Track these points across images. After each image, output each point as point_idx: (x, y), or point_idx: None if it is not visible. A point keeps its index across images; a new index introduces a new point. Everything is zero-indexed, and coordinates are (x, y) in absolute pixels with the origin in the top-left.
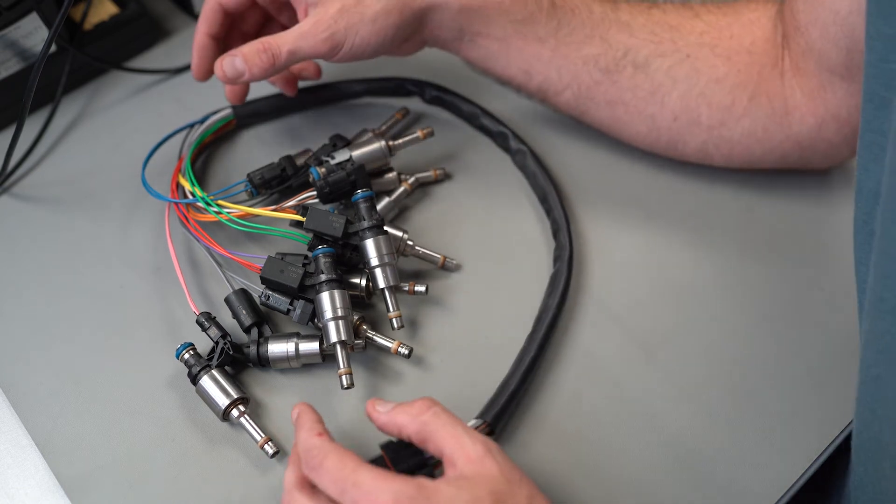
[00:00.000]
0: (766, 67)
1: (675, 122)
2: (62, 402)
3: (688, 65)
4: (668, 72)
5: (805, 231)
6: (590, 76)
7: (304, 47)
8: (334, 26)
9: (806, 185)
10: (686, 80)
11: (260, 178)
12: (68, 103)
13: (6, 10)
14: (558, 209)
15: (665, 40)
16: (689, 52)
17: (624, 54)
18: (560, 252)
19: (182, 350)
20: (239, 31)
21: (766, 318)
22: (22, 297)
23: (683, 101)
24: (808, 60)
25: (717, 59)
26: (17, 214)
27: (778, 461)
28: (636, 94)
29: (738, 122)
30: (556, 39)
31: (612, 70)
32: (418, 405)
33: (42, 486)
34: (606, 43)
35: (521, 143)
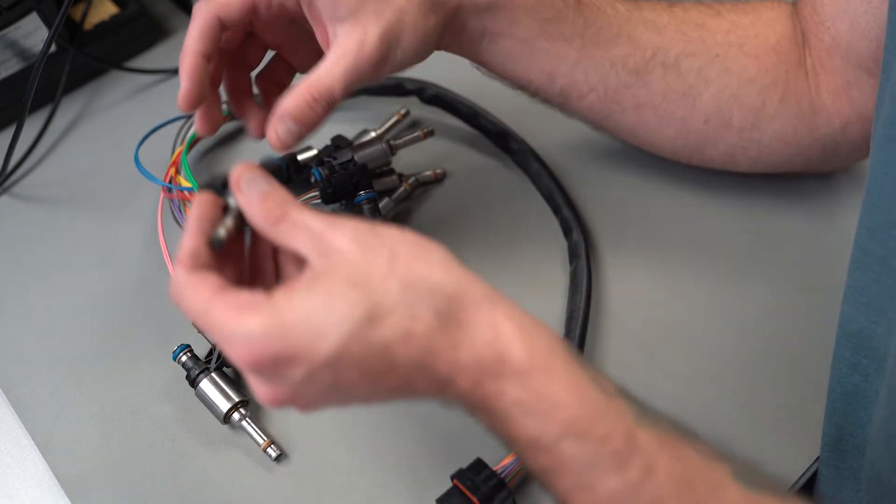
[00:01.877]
0: (792, 66)
1: (705, 125)
2: (62, 402)
3: (718, 64)
4: (700, 72)
5: (809, 233)
6: (618, 78)
7: (356, 79)
8: (381, 47)
9: (810, 189)
10: (718, 80)
11: None
12: (68, 103)
13: (6, 10)
14: (567, 207)
15: (693, 39)
16: (719, 51)
17: (653, 54)
18: (576, 249)
19: (179, 352)
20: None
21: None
22: (22, 297)
23: (715, 102)
24: (834, 56)
25: (746, 58)
26: (17, 214)
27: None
28: (667, 97)
29: (769, 123)
30: (582, 39)
31: (642, 71)
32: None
33: (42, 486)
34: (634, 42)
35: (521, 143)
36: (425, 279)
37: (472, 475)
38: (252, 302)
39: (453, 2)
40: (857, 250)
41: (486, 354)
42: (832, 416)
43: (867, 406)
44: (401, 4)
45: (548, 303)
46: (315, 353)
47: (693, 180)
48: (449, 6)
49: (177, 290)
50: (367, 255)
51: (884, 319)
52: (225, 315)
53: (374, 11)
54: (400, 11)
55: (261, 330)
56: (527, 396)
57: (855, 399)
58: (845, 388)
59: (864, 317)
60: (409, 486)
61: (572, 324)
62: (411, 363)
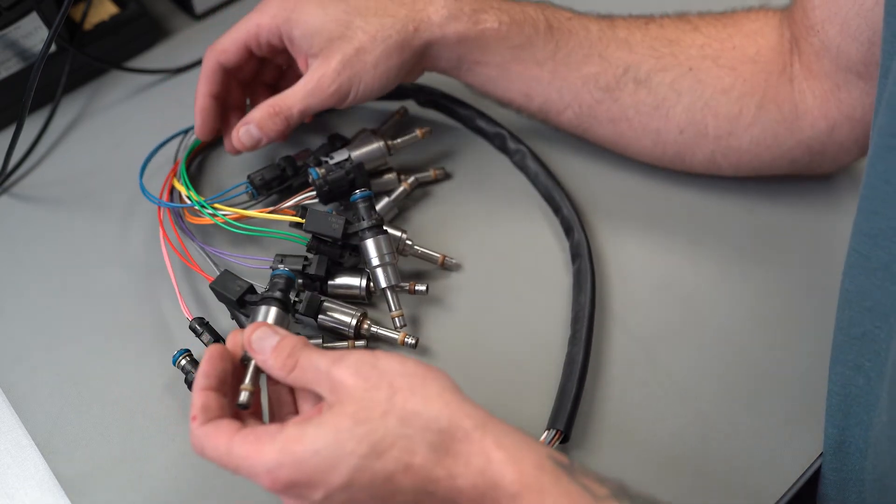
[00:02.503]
0: (772, 75)
1: (681, 135)
2: (62, 402)
3: (691, 77)
4: (672, 85)
5: (809, 233)
6: (591, 95)
7: (313, 103)
8: (338, 79)
9: (810, 190)
10: (690, 92)
11: (260, 178)
12: (68, 103)
13: (6, 10)
14: (567, 207)
15: (665, 55)
16: (692, 64)
17: (624, 71)
18: (578, 248)
19: (178, 357)
20: (236, 81)
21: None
22: (22, 297)
23: (689, 113)
24: (823, 60)
25: (720, 70)
26: (17, 214)
27: (795, 442)
28: (639, 110)
29: (747, 130)
30: (554, 62)
31: (613, 88)
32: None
33: (42, 486)
34: (606, 61)
35: (519, 144)
36: (420, 415)
37: None
38: (267, 434)
39: (420, 41)
40: (856, 256)
41: (481, 482)
42: (834, 418)
43: (869, 409)
44: (364, 45)
45: (551, 302)
46: (329, 480)
47: (693, 179)
48: (416, 45)
49: (198, 443)
50: (369, 391)
51: (886, 325)
52: (245, 452)
53: (338, 49)
54: (362, 52)
55: (276, 462)
56: None
57: (857, 402)
58: (848, 391)
59: (867, 321)
60: None
61: (578, 324)
62: (415, 489)
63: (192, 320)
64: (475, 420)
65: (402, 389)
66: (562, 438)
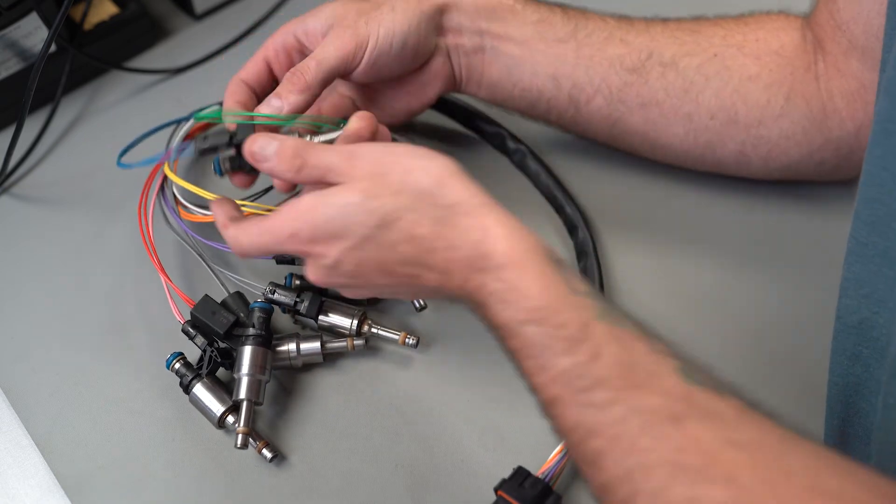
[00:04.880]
0: (798, 70)
1: (712, 121)
2: (62, 402)
3: (717, 62)
4: (699, 69)
5: (810, 231)
6: (618, 77)
7: (330, 51)
8: (355, 23)
9: (811, 186)
10: (718, 77)
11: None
12: (68, 103)
13: (6, 10)
14: (570, 205)
15: (688, 41)
16: (716, 51)
17: (648, 55)
18: (583, 247)
19: (172, 360)
20: None
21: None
22: (22, 297)
23: (719, 98)
24: (851, 59)
25: (745, 58)
26: (17, 214)
27: None
28: (669, 93)
29: (776, 121)
30: (576, 41)
31: (640, 70)
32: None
33: (42, 486)
34: (628, 44)
35: (518, 143)
36: (431, 193)
37: (516, 484)
38: (288, 205)
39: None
40: (855, 243)
41: (475, 253)
42: (834, 408)
43: (870, 396)
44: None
45: None
46: (340, 245)
47: (692, 177)
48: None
49: (237, 243)
50: (384, 169)
51: (885, 310)
52: (273, 225)
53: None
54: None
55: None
56: (501, 287)
57: (857, 390)
58: (847, 380)
59: (865, 308)
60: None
61: None
62: (415, 259)
63: (185, 323)
64: (481, 199)
65: (416, 170)
66: None
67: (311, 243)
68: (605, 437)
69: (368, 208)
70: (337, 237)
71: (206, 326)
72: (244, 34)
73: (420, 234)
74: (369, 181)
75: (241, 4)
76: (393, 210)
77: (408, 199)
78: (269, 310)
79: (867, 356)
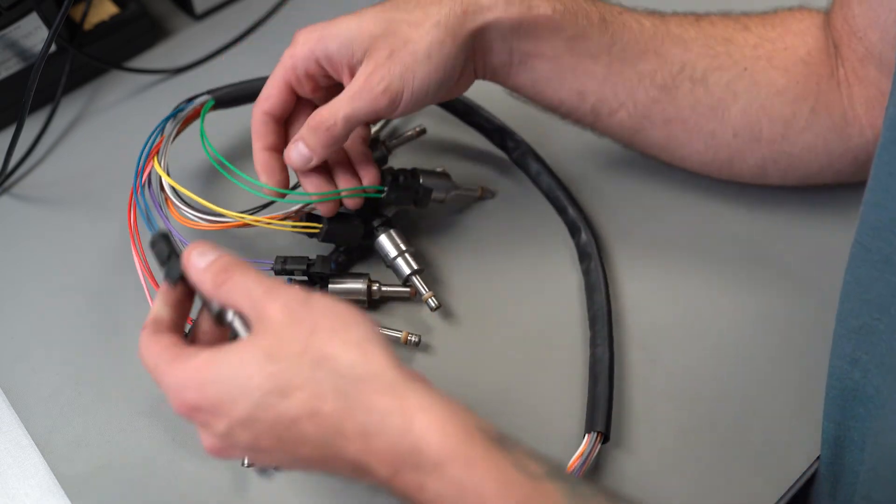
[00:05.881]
0: (823, 78)
1: (734, 139)
2: (62, 402)
3: (747, 78)
4: (728, 86)
5: (811, 235)
6: (646, 93)
7: (361, 107)
8: (388, 76)
9: (813, 191)
10: (746, 93)
11: None
12: (68, 103)
13: (6, 10)
14: (573, 206)
15: (721, 53)
16: (747, 65)
17: (680, 69)
18: (586, 248)
19: None
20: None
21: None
22: (22, 297)
23: (744, 116)
24: (868, 67)
25: (774, 71)
26: (17, 214)
27: (795, 442)
28: (696, 111)
29: (800, 135)
30: (609, 56)
31: (670, 87)
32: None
33: (42, 486)
34: (661, 58)
35: (520, 142)
36: (336, 358)
37: None
38: (186, 355)
39: (472, 25)
40: (859, 248)
41: (401, 445)
42: (831, 412)
43: (866, 402)
44: (411, 36)
45: (558, 303)
46: (230, 411)
47: (697, 180)
48: (468, 30)
49: (139, 349)
50: (291, 327)
51: (886, 317)
52: (164, 368)
53: (384, 45)
54: (410, 43)
55: (183, 383)
56: (448, 489)
57: (854, 395)
58: (844, 385)
59: (865, 313)
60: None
61: (598, 324)
62: (321, 441)
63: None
64: (396, 375)
65: (323, 330)
66: (604, 439)
67: (195, 409)
68: None
69: (266, 371)
70: (226, 403)
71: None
72: (244, 34)
73: (325, 411)
74: (271, 336)
75: (241, 4)
76: (294, 376)
77: (310, 363)
78: None
79: (866, 361)
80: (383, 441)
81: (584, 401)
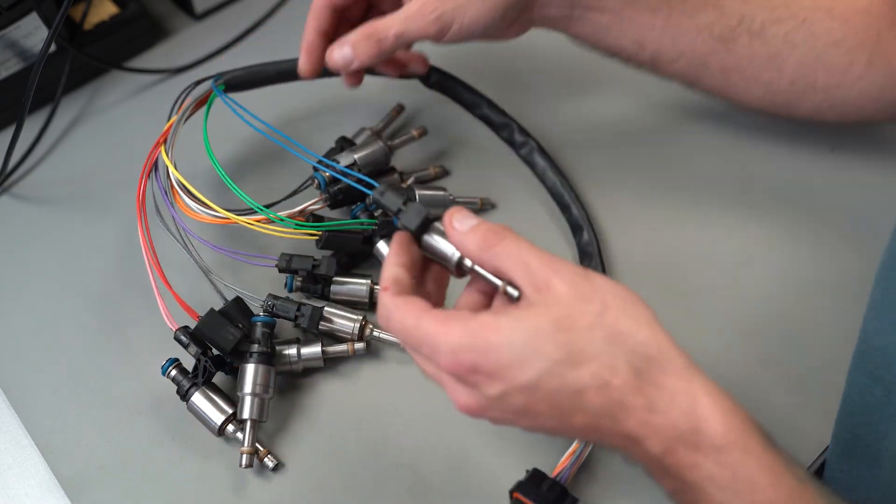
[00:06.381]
0: (883, 29)
1: (791, 87)
2: (62, 402)
3: (804, 29)
4: (786, 38)
5: (810, 238)
6: (704, 45)
7: (412, 29)
8: (441, 7)
9: (816, 193)
10: (803, 44)
11: None
12: (68, 103)
13: (6, 10)
14: (577, 205)
15: (778, 5)
16: (805, 16)
17: (739, 22)
18: (588, 248)
19: (168, 367)
20: (346, 22)
21: None
22: (22, 297)
23: (800, 66)
24: None
25: (833, 21)
26: (17, 214)
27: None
28: (753, 62)
29: (855, 84)
30: (668, 8)
31: (728, 38)
32: (489, 236)
33: (42, 486)
34: (720, 10)
35: (527, 137)
36: (630, 335)
37: (533, 487)
38: (459, 317)
39: None
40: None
41: (683, 423)
42: (847, 423)
43: (887, 421)
44: None
45: None
46: (513, 376)
47: (700, 180)
48: None
49: (386, 313)
50: (580, 302)
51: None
52: (434, 328)
53: None
54: None
55: (465, 341)
56: (723, 473)
57: (875, 411)
58: (865, 399)
59: (890, 333)
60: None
61: None
62: (602, 411)
63: (177, 331)
64: (685, 359)
65: (615, 308)
66: None
67: (473, 370)
68: None
69: (558, 340)
70: (512, 367)
71: (212, 342)
72: (244, 34)
73: (615, 384)
74: (561, 308)
75: (241, 4)
76: (586, 347)
77: (604, 337)
78: (272, 324)
79: (889, 381)
80: (666, 418)
81: None
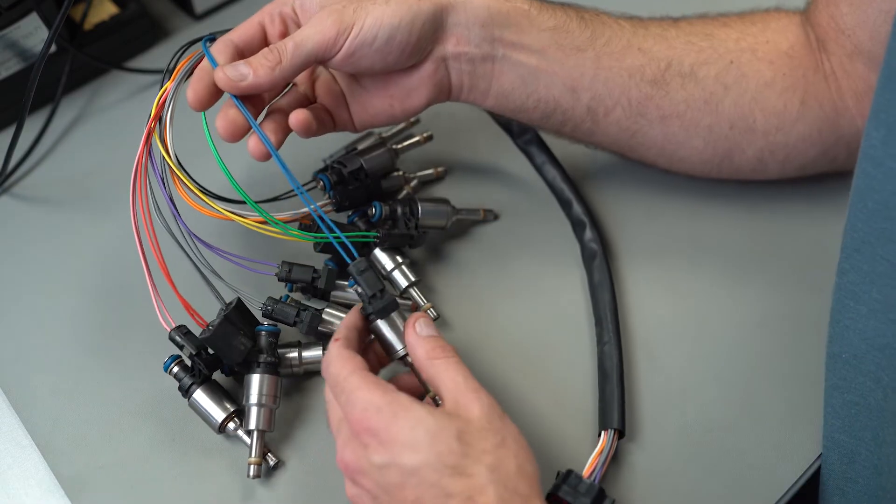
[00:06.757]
0: (809, 71)
1: (731, 131)
2: (62, 402)
3: (734, 70)
4: (717, 78)
5: (809, 238)
6: (638, 90)
7: (309, 34)
8: (342, 10)
9: (814, 195)
10: (736, 85)
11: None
12: (68, 103)
13: (6, 10)
14: (578, 202)
15: (705, 48)
16: (732, 57)
17: (667, 65)
18: (591, 246)
19: (170, 364)
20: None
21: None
22: (22, 297)
23: (737, 107)
24: (857, 62)
25: (760, 63)
26: (17, 214)
27: (793, 445)
28: (690, 105)
29: (794, 126)
30: (594, 50)
31: (661, 82)
32: (438, 350)
33: (42, 486)
34: (646, 54)
35: (526, 127)
36: (511, 473)
37: (571, 488)
38: (385, 386)
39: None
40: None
41: None
42: (846, 427)
43: (884, 424)
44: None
45: (559, 300)
46: (400, 454)
47: (697, 180)
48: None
49: (329, 358)
50: (486, 430)
51: None
52: (359, 384)
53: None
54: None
55: (378, 404)
56: None
57: (873, 414)
58: (867, 402)
59: (890, 333)
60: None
61: (604, 322)
62: None
63: (172, 331)
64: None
65: (511, 449)
66: (620, 436)
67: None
68: None
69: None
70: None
71: (221, 353)
72: None
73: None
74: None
75: (241, 4)
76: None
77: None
78: (277, 332)
79: (886, 383)
80: None
81: (591, 398)
